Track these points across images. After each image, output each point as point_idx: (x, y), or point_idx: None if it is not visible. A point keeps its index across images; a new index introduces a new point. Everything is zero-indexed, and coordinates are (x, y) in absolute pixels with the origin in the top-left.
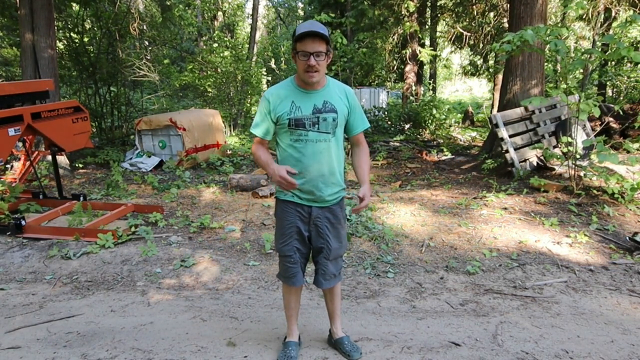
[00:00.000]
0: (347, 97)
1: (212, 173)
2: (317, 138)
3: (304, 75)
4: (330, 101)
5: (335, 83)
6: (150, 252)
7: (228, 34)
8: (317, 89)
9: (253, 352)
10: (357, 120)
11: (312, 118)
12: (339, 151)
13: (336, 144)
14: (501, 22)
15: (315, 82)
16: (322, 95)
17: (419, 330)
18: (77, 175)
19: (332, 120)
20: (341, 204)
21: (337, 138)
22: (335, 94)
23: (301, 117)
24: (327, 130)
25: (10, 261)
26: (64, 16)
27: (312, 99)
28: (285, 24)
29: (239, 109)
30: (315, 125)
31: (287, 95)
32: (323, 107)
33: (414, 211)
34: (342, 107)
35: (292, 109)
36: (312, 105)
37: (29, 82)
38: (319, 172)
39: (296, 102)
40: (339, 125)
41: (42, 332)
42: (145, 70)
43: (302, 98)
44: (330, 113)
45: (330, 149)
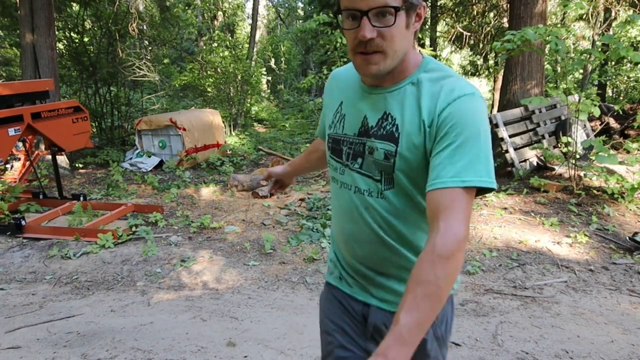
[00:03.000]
0: (440, 116)
1: (212, 173)
2: (354, 184)
3: (354, 61)
4: (396, 115)
5: (437, 80)
6: (150, 252)
7: (228, 34)
8: (385, 86)
9: (253, 352)
10: (448, 163)
11: (353, 143)
12: (404, 224)
13: (395, 207)
14: (501, 22)
15: (374, 74)
16: (389, 101)
17: None
18: (77, 175)
19: (382, 156)
20: (435, 328)
21: (398, 196)
22: (414, 103)
23: (340, 137)
24: (372, 174)
25: (10, 261)
26: (64, 16)
27: (368, 104)
28: (285, 24)
29: (239, 109)
30: (355, 159)
31: (345, 86)
32: (378, 125)
33: None
34: (413, 131)
35: (336, 116)
36: (362, 116)
37: (29, 82)
38: (355, 253)
39: (346, 104)
40: (400, 171)
41: (42, 332)
42: (145, 70)
43: (356, 99)
44: (383, 142)
45: (378, 215)
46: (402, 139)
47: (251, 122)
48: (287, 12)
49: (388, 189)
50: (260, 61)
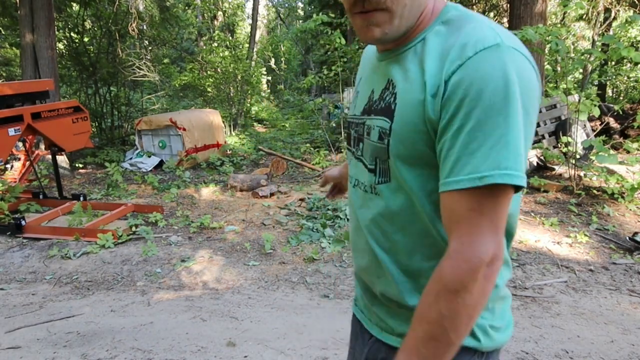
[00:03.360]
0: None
1: (212, 173)
2: (355, 175)
3: (353, 24)
4: (397, 82)
5: (452, 32)
6: (150, 252)
7: (228, 34)
8: (392, 48)
9: (253, 352)
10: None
11: (358, 124)
12: (400, 235)
13: (390, 209)
14: (501, 22)
15: (379, 38)
16: (394, 65)
17: None
18: (77, 175)
19: (377, 136)
20: None
21: (394, 193)
22: (417, 64)
23: (350, 120)
24: (366, 162)
25: (10, 261)
26: (64, 16)
27: (378, 74)
28: (285, 24)
29: (239, 109)
30: (358, 143)
31: (366, 60)
32: (380, 98)
33: None
34: (411, 102)
35: (354, 96)
36: (370, 91)
37: (29, 82)
38: (358, 264)
39: (362, 80)
40: (397, 157)
41: (42, 332)
42: (145, 70)
43: (370, 71)
44: (379, 117)
45: (370, 218)
46: (397, 111)
47: (251, 122)
48: (287, 12)
49: (382, 182)
50: (260, 61)
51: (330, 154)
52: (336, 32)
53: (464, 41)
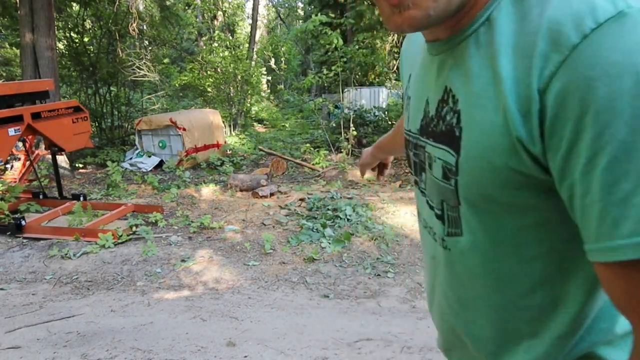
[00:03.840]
0: (548, 91)
1: (212, 173)
2: (422, 213)
3: (379, 7)
4: (458, 93)
5: (534, 4)
6: (150, 252)
7: (228, 34)
8: (444, 37)
9: (253, 352)
10: (600, 200)
11: (416, 146)
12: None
13: (459, 273)
14: None
15: (416, 26)
16: (449, 66)
17: (419, 330)
18: (77, 175)
19: (441, 173)
20: None
21: (468, 253)
22: (485, 63)
23: (406, 135)
24: (433, 203)
25: (10, 261)
26: (64, 16)
27: (432, 74)
28: (285, 24)
29: (239, 109)
30: (420, 172)
31: (415, 49)
32: (437, 113)
33: (414, 211)
34: (486, 124)
35: (405, 100)
36: (424, 99)
37: (29, 82)
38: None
39: (413, 78)
40: (470, 204)
41: (42, 332)
42: (145, 70)
43: (421, 68)
44: (441, 146)
45: (442, 276)
46: (465, 140)
47: (251, 122)
48: (287, 12)
49: (452, 235)
50: (260, 61)
51: (330, 154)
52: (334, 32)
53: (557, 17)
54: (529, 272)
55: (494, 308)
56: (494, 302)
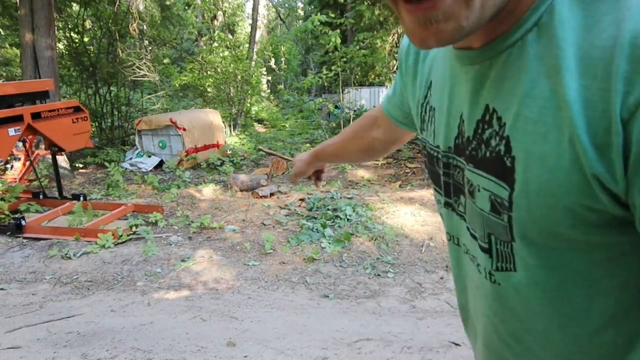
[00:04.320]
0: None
1: (212, 173)
2: (461, 238)
3: (401, 21)
4: (505, 115)
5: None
6: (150, 252)
7: (228, 34)
8: (478, 46)
9: (253, 352)
10: None
11: (450, 166)
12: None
13: (514, 311)
14: None
15: (445, 41)
16: (491, 81)
17: (419, 330)
18: (77, 175)
19: (488, 205)
20: None
21: (524, 291)
22: (543, 81)
23: (433, 152)
24: (476, 234)
25: (10, 261)
26: (64, 16)
27: (465, 86)
28: (285, 24)
29: (239, 109)
30: (457, 195)
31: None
32: (477, 135)
33: (414, 211)
34: (550, 159)
35: (424, 110)
36: (457, 114)
37: (29, 82)
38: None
39: (435, 85)
40: (528, 242)
41: (42, 332)
42: (145, 70)
43: (448, 75)
44: (487, 176)
45: (488, 310)
46: (522, 175)
47: (251, 122)
48: (287, 12)
49: (503, 270)
50: (260, 61)
51: None
52: (334, 32)
53: None
54: (599, 307)
55: (558, 346)
56: (558, 339)
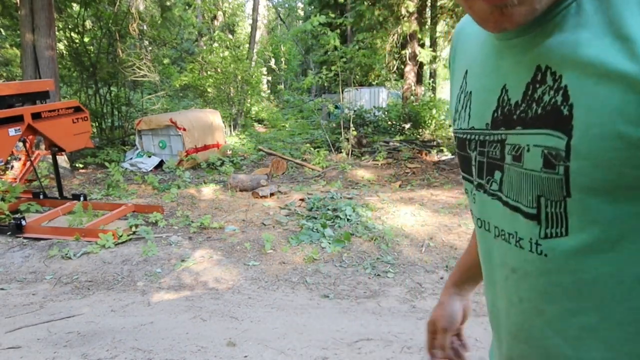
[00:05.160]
0: None
1: (212, 173)
2: (492, 220)
3: (469, 10)
4: (561, 68)
5: None
6: (151, 252)
7: (228, 34)
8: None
9: (253, 352)
10: None
11: (485, 143)
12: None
13: (565, 283)
14: None
15: (520, 23)
16: (544, 44)
17: (419, 330)
18: (77, 176)
19: (539, 161)
20: None
21: (579, 256)
22: (603, 28)
23: (465, 136)
24: (520, 202)
25: (10, 261)
26: (65, 16)
27: (507, 61)
28: (285, 24)
29: (239, 109)
30: (492, 172)
31: (472, 43)
32: (526, 98)
33: (414, 211)
34: (610, 96)
35: (460, 99)
36: (497, 89)
37: (30, 82)
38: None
39: (472, 73)
40: (586, 192)
41: (42, 332)
42: (146, 71)
43: (486, 59)
44: (539, 130)
45: (531, 294)
46: (580, 118)
47: (251, 122)
48: (287, 12)
49: (554, 236)
50: (260, 61)
51: (330, 154)
52: (333, 32)
53: None
54: None
55: (622, 320)
56: (617, 315)
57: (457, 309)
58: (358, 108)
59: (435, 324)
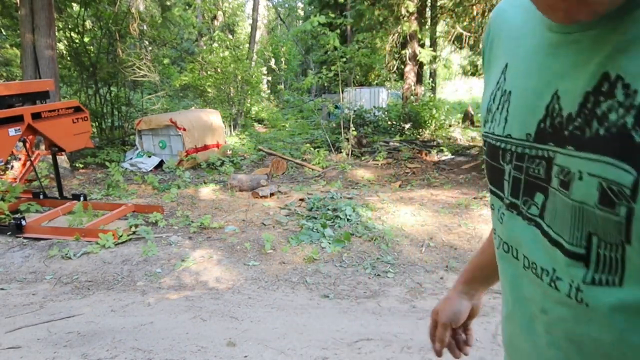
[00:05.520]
0: None
1: (212, 173)
2: (524, 249)
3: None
4: (633, 80)
5: None
6: (151, 252)
7: (228, 34)
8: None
9: (253, 352)
10: None
11: (524, 157)
12: None
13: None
14: None
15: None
16: (614, 46)
17: (419, 330)
18: (77, 176)
19: (594, 194)
20: None
21: (629, 313)
22: None
23: (499, 143)
24: (563, 236)
25: (10, 261)
26: (65, 16)
27: (562, 60)
28: (285, 24)
29: (239, 109)
30: (531, 194)
31: (516, 31)
32: (584, 110)
33: (414, 211)
34: None
35: (495, 96)
36: (547, 93)
37: (30, 82)
38: None
39: (513, 67)
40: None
41: (42, 332)
42: (146, 71)
43: (534, 53)
44: (598, 157)
45: (564, 341)
46: None
47: (251, 122)
48: (287, 12)
49: (601, 285)
50: (260, 61)
51: (330, 154)
52: (332, 33)
53: None
54: None
55: None
56: None
57: (463, 307)
58: (358, 108)
59: (438, 315)
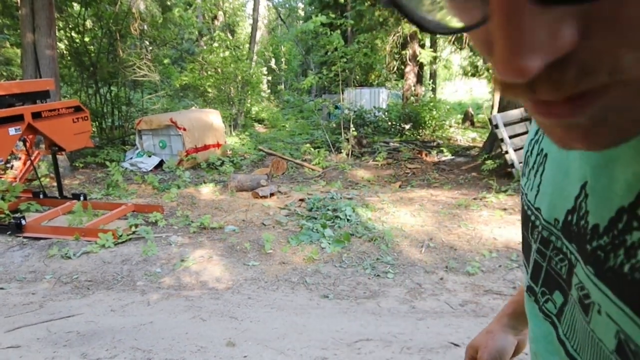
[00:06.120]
0: None
1: (212, 173)
2: (544, 355)
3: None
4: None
5: None
6: (150, 252)
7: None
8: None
9: (252, 352)
10: None
11: (551, 246)
12: None
13: None
14: None
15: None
16: None
17: (419, 330)
18: (77, 175)
19: (612, 341)
20: None
21: None
22: None
23: (530, 208)
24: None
25: (10, 260)
26: (65, 16)
27: (585, 156)
28: (285, 24)
29: (239, 109)
30: (555, 288)
31: None
32: (608, 233)
33: (414, 212)
34: None
35: (530, 160)
36: (576, 182)
37: (30, 81)
38: None
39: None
40: None
41: (42, 332)
42: (146, 70)
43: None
44: (615, 298)
45: None
46: None
47: (251, 122)
48: (287, 12)
49: None
50: (260, 61)
51: (330, 155)
52: (335, 33)
53: None
54: None
55: None
56: None
57: (508, 344)
58: (358, 108)
59: (479, 353)
